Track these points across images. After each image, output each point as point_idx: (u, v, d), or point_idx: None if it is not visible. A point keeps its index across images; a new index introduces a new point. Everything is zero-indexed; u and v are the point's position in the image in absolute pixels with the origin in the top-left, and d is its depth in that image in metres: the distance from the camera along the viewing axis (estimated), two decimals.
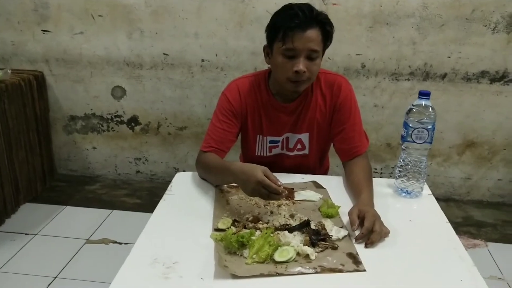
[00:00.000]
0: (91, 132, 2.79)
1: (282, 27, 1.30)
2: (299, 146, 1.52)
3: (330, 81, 1.45)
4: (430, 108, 1.26)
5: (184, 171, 1.54)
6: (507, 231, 2.41)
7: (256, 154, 1.54)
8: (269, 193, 1.15)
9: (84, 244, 2.19)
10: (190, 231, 1.15)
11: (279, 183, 1.15)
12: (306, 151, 1.53)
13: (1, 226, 2.31)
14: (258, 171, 1.15)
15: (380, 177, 1.38)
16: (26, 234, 2.25)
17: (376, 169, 2.66)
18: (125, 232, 2.27)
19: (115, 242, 2.22)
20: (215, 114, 1.47)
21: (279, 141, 1.51)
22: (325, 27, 1.32)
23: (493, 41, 2.32)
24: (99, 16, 2.48)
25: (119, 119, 2.74)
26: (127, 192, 2.73)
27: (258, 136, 1.51)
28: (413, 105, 1.28)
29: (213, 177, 1.39)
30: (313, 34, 1.29)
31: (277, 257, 1.03)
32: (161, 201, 1.30)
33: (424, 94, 1.25)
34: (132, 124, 2.74)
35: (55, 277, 1.95)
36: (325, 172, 1.70)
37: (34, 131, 2.58)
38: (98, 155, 2.84)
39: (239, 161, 1.60)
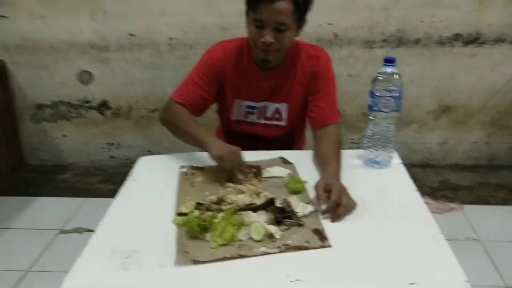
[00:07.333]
0: (60, 120, 2.69)
1: None
2: (276, 116, 1.51)
3: (310, 53, 1.45)
4: (396, 75, 1.21)
5: (159, 154, 1.49)
6: (482, 192, 2.42)
7: (233, 118, 1.53)
8: (234, 166, 1.22)
9: (58, 235, 2.14)
10: (152, 218, 1.11)
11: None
12: (283, 123, 1.52)
13: None
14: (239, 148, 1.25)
15: (357, 148, 1.35)
16: None
17: (353, 139, 2.63)
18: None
19: (90, 230, 2.16)
20: (195, 69, 1.45)
21: (255, 107, 1.50)
22: None
23: (466, 2, 2.26)
24: None
25: (88, 105, 2.65)
26: (101, 179, 2.66)
27: (235, 100, 1.50)
28: (379, 73, 1.22)
29: (179, 132, 1.40)
30: (282, 6, 1.26)
31: (254, 235, 0.99)
32: (122, 187, 1.25)
33: (389, 61, 1.20)
34: (102, 109, 2.65)
35: (27, 271, 1.90)
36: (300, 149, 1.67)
37: None
38: (69, 142, 2.75)
39: (214, 132, 1.65)
